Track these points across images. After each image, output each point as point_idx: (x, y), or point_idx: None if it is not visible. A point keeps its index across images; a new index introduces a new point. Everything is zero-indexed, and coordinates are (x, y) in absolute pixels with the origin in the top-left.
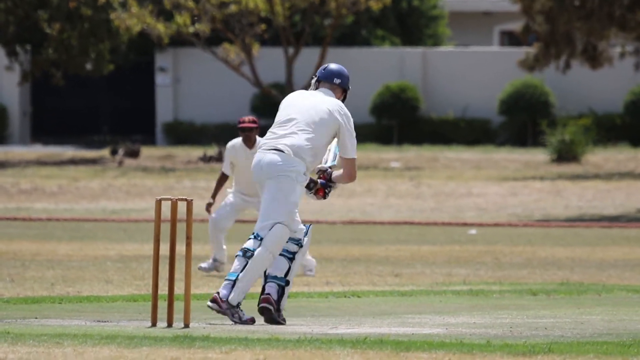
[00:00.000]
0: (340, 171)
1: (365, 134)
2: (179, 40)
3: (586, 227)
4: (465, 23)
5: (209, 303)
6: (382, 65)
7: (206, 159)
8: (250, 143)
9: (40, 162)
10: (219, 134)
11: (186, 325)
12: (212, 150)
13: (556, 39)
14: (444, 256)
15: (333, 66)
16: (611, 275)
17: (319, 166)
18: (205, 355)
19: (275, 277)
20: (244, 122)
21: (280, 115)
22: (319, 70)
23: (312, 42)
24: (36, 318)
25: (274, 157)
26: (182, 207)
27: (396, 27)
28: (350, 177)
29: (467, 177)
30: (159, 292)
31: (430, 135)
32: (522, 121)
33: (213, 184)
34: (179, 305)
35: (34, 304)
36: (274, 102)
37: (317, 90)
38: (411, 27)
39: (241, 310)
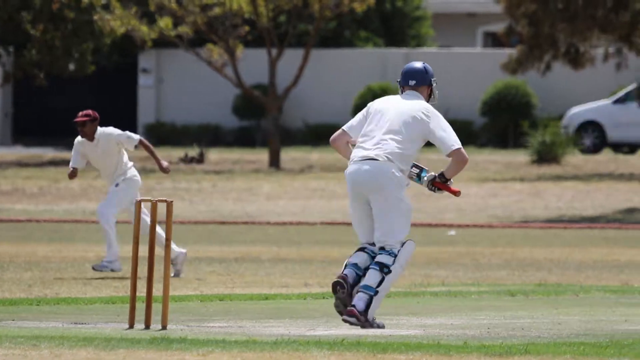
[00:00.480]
0: (450, 164)
1: None
2: (162, 42)
3: (565, 228)
4: (448, 24)
5: (346, 317)
6: (365, 66)
7: (187, 160)
8: (87, 136)
9: (21, 164)
10: (201, 135)
11: (164, 327)
12: (193, 151)
13: (539, 41)
14: (423, 257)
15: (406, 67)
16: (589, 276)
17: (430, 175)
18: (182, 357)
19: (366, 287)
20: (77, 116)
21: (368, 126)
22: (402, 72)
23: (295, 43)
24: (13, 320)
25: (369, 167)
26: (162, 208)
27: (379, 28)
28: (462, 162)
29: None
30: (137, 293)
31: None
32: (503, 122)
33: (194, 185)
34: (157, 307)
35: (11, 306)
36: (256, 104)
37: (401, 95)
38: (394, 28)
39: (374, 320)
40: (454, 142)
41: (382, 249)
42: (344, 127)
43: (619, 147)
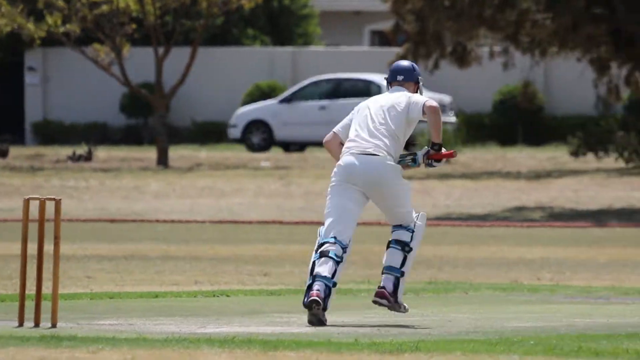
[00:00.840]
0: (429, 125)
1: None
2: (49, 40)
3: (454, 226)
4: (335, 22)
5: (377, 299)
6: (253, 64)
7: (75, 158)
8: None
9: None
10: (89, 133)
11: (53, 325)
12: (81, 150)
13: (426, 39)
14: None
15: (395, 64)
16: (478, 273)
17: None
18: (72, 354)
19: (390, 268)
20: None
21: (357, 120)
22: (389, 70)
23: (182, 41)
24: None
25: (371, 164)
26: (50, 206)
27: (267, 26)
28: (435, 112)
29: None
30: (27, 291)
31: None
32: None
33: (82, 183)
34: (46, 305)
35: None
36: (144, 102)
37: (391, 92)
38: (282, 27)
39: (402, 302)
40: (424, 99)
41: (398, 225)
42: (335, 130)
43: (288, 146)
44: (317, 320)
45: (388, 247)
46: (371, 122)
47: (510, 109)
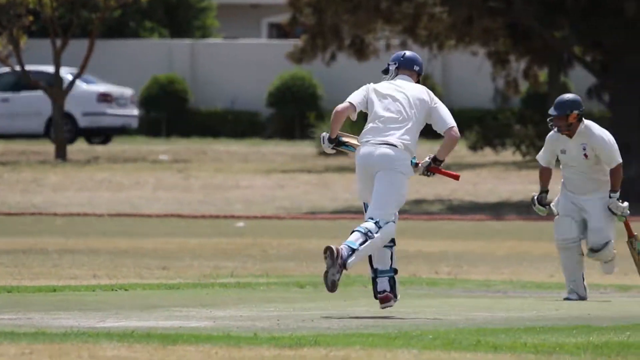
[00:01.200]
0: (443, 144)
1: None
2: None
3: (353, 219)
4: (233, 15)
5: (384, 304)
6: (151, 57)
7: None
8: None
9: None
10: None
11: None
12: None
13: (323, 32)
14: (212, 249)
15: (410, 54)
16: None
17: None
18: None
19: (383, 271)
20: None
21: (380, 108)
22: (396, 57)
23: (80, 34)
24: None
25: (387, 150)
26: None
27: (164, 18)
28: (454, 141)
29: (235, 169)
30: None
31: (198, 128)
32: (290, 114)
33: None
34: None
35: None
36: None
37: (399, 79)
38: (179, 19)
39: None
40: (451, 121)
41: (370, 218)
42: (351, 101)
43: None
44: (330, 282)
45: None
46: (396, 114)
47: None
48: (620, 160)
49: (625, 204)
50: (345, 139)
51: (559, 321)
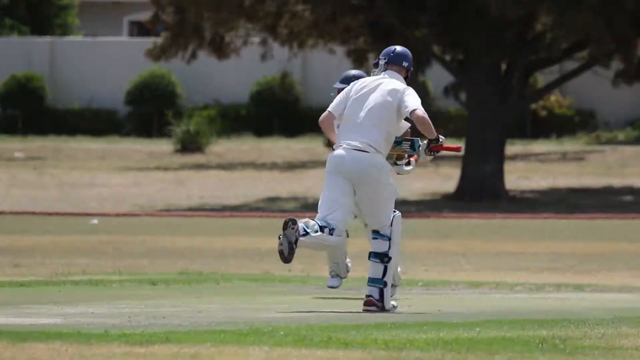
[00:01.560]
0: (418, 128)
1: None
2: None
3: (207, 216)
4: (95, 13)
5: (366, 307)
6: (9, 55)
7: None
8: None
9: None
10: None
11: None
12: None
13: (185, 30)
14: (65, 246)
15: (400, 49)
16: (230, 264)
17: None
18: None
19: (373, 280)
20: None
21: (351, 108)
22: (386, 53)
23: None
24: None
25: (360, 156)
26: None
27: (25, 16)
28: (423, 121)
29: (91, 167)
30: None
31: (56, 126)
32: (148, 112)
33: None
34: None
35: None
36: None
37: (384, 75)
38: (40, 17)
39: (393, 306)
40: (413, 104)
41: (376, 232)
42: (329, 109)
43: None
44: (287, 244)
45: (369, 258)
46: (366, 113)
47: (267, 100)
48: None
49: None
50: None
51: (409, 317)
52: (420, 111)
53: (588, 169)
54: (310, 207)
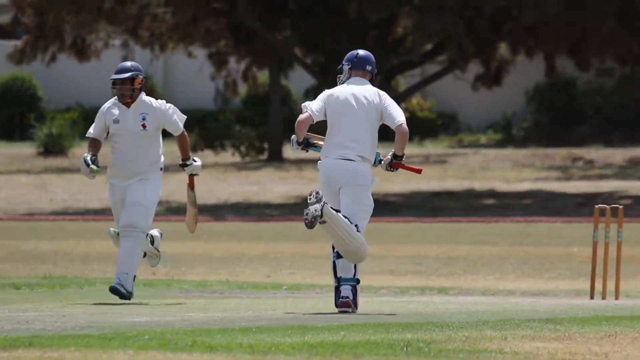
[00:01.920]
0: (396, 141)
1: None
2: None
3: (71, 220)
4: None
5: (343, 308)
6: None
7: None
8: None
9: None
10: None
11: None
12: None
13: (45, 32)
14: None
15: (362, 53)
16: (94, 268)
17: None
18: None
19: (347, 279)
20: None
21: (335, 119)
22: (349, 58)
23: None
24: None
25: (348, 166)
26: None
27: None
28: (405, 135)
29: None
30: None
31: None
32: (9, 114)
33: None
34: None
35: None
36: None
37: (352, 82)
38: None
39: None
40: (400, 118)
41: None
42: (310, 113)
43: None
44: (312, 217)
45: (337, 257)
46: (352, 124)
47: None
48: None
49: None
50: (313, 140)
51: (274, 321)
52: (406, 125)
53: (450, 172)
54: (174, 211)
